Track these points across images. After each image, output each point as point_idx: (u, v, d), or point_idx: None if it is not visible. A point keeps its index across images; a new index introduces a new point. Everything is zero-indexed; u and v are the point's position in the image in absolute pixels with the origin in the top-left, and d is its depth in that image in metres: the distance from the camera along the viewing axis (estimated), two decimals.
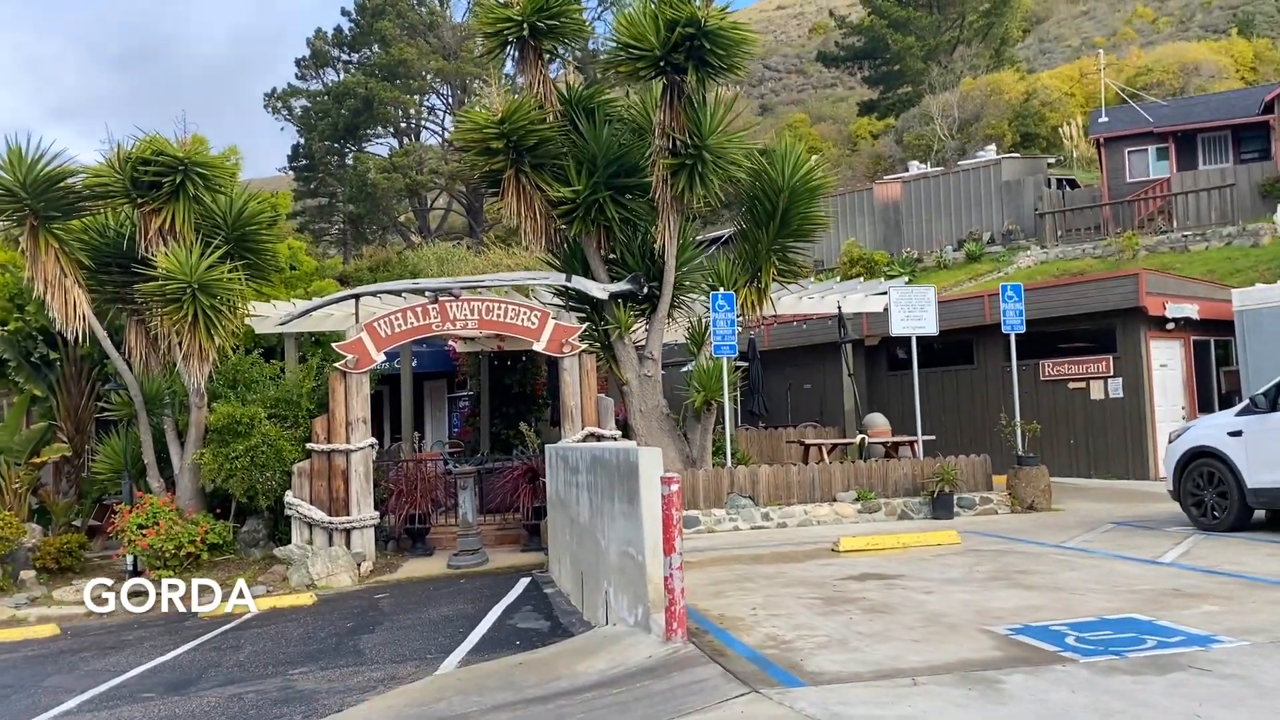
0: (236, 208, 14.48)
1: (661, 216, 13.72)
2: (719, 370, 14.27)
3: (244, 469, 13.81)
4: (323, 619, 11.16)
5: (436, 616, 10.63)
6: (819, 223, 15.24)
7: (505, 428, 22.58)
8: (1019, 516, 13.41)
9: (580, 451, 9.95)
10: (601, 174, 13.83)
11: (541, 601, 10.93)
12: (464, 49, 58.28)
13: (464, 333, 19.41)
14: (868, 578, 8.81)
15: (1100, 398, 17.66)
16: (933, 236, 35.76)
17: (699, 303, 15.44)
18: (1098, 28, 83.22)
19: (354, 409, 14.10)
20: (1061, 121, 53.59)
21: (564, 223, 14.19)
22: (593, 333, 14.67)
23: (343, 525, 13.93)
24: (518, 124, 13.37)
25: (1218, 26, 75.53)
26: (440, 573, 13.64)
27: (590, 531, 9.35)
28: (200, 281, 13.12)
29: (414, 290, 14.62)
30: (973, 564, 9.35)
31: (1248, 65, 60.65)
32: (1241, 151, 32.02)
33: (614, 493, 8.09)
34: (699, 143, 13.22)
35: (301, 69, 60.12)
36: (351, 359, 14.03)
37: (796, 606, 7.61)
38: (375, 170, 53.61)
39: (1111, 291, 17.13)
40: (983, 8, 66.93)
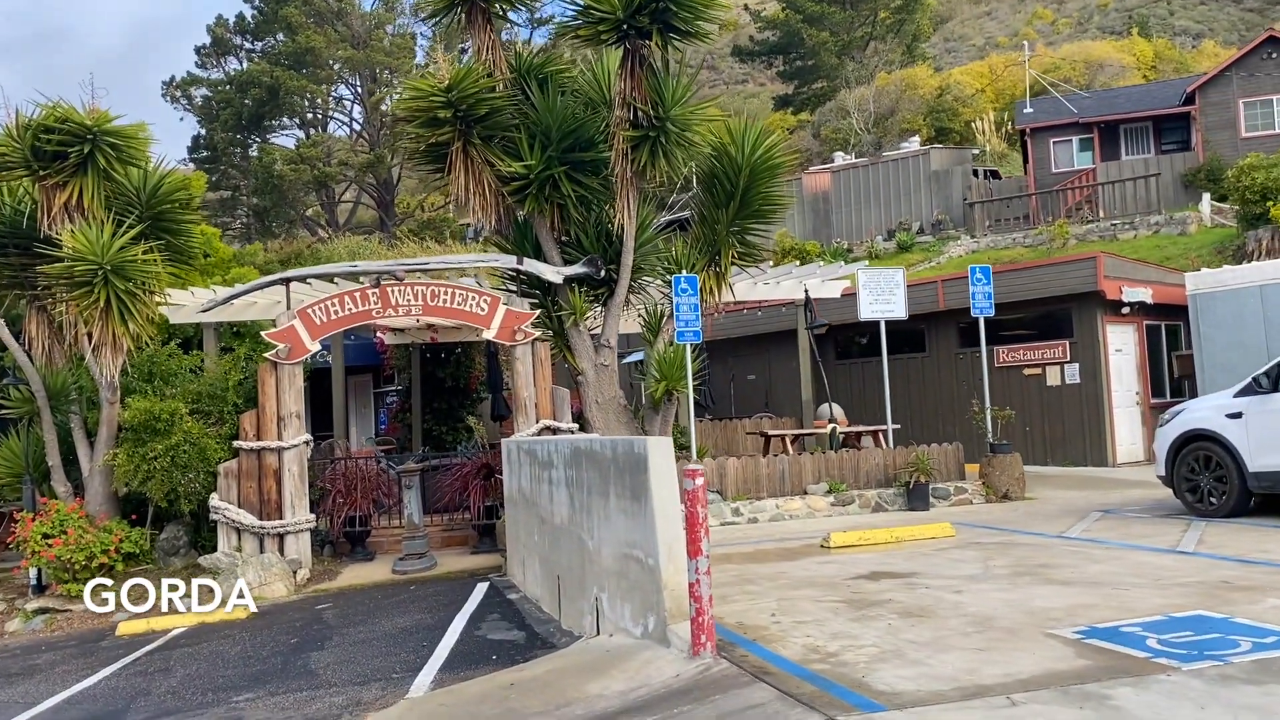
0: (152, 183, 13.14)
1: (620, 194, 12.83)
2: (681, 358, 13.48)
3: (164, 470, 12.52)
4: (261, 635, 10.03)
5: (392, 629, 9.61)
6: (780, 203, 14.53)
7: (437, 424, 21.50)
8: (996, 506, 12.92)
9: (555, 445, 9.04)
10: (556, 148, 12.87)
11: (508, 609, 9.98)
12: (374, 37, 56.58)
13: (398, 322, 18.29)
14: (880, 576, 8.11)
15: (1056, 384, 17.37)
16: (863, 227, 35.58)
17: (653, 287, 14.62)
18: (1000, 28, 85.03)
19: (286, 403, 12.92)
20: (974, 117, 54.19)
21: (515, 201, 13.20)
22: (545, 320, 13.72)
23: (276, 530, 12.74)
24: (466, 92, 12.34)
25: (1114, 28, 77.83)
26: (386, 579, 12.57)
27: (569, 532, 8.46)
28: (113, 263, 11.80)
29: (351, 274, 13.48)
30: (983, 558, 8.72)
31: (1148, 64, 62.35)
32: (1162, 142, 32.49)
33: (608, 489, 7.22)
34: (662, 114, 12.38)
35: (202, 57, 57.71)
36: (284, 348, 12.84)
37: (820, 611, 6.84)
38: (282, 162, 51.63)
39: (1069, 275, 16.84)
40: (894, 4, 67.66)
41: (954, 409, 18.56)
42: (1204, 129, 30.40)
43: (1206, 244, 26.16)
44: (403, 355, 21.68)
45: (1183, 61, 62.25)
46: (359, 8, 57.68)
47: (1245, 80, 29.85)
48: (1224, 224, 27.46)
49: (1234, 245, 24.96)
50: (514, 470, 11.28)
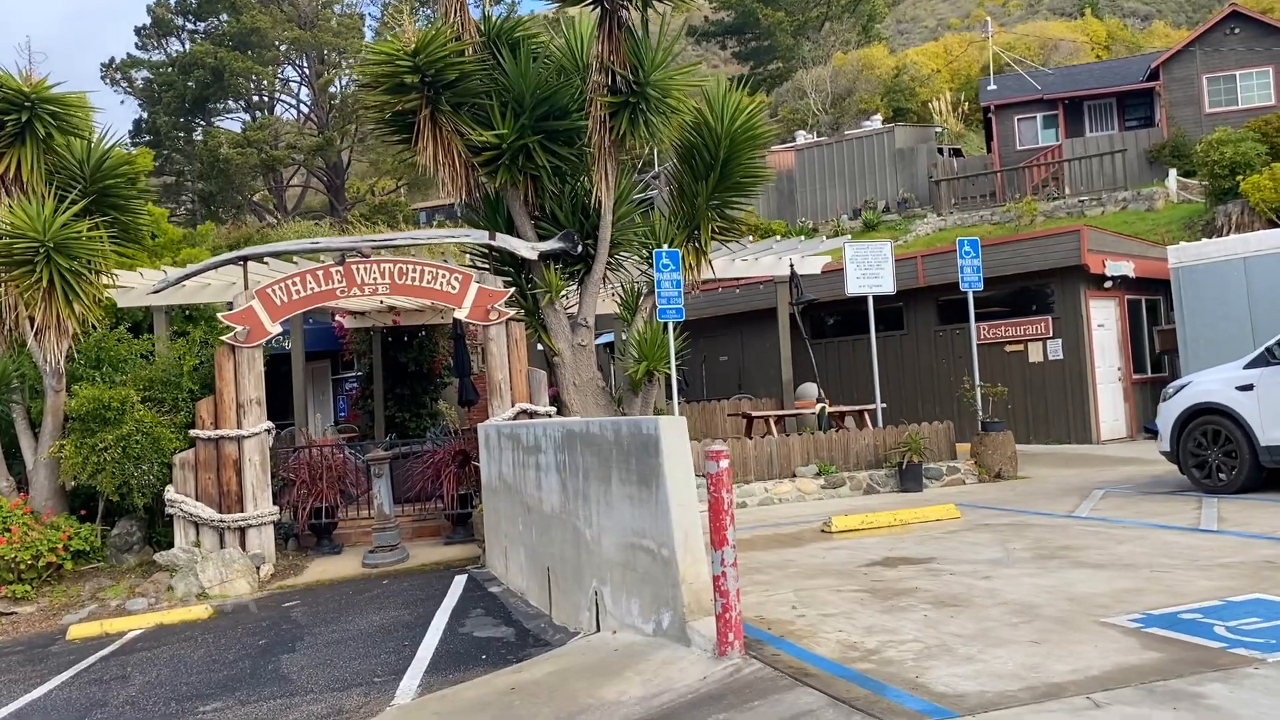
0: (96, 156, 12.29)
1: (598, 164, 12.21)
2: (662, 337, 12.94)
3: (115, 462, 11.72)
4: (226, 636, 9.34)
5: (368, 627, 8.97)
6: (761, 175, 13.99)
7: (400, 410, 20.76)
8: (991, 486, 12.53)
9: (543, 428, 8.44)
10: (529, 116, 12.22)
11: (492, 603, 9.39)
12: (321, 18, 55.26)
13: (359, 304, 17.53)
14: (897, 562, 7.62)
15: (1039, 360, 17.05)
16: (828, 206, 35.20)
17: (630, 264, 14.04)
18: (951, 9, 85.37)
19: (246, 388, 12.17)
20: (931, 97, 54.16)
21: (487, 173, 12.52)
22: (519, 298, 13.09)
23: (237, 523, 12.00)
24: (434, 56, 11.63)
25: (1064, 9, 78.40)
26: (355, 573, 11.90)
27: (562, 521, 7.88)
28: (56, 240, 10.97)
29: (313, 251, 12.74)
30: (999, 540, 8.27)
31: (1102, 43, 62.80)
32: (1126, 119, 32.44)
33: (609, 474, 6.64)
34: (642, 79, 11.78)
35: (142, 38, 56.09)
36: (242, 330, 12.07)
37: (844, 602, 6.32)
38: (228, 145, 50.31)
39: (1052, 249, 16.50)
40: None
41: (934, 387, 18.21)
42: (1168, 105, 30.34)
43: (1174, 219, 26.07)
44: (363, 339, 20.89)
45: (1135, 41, 62.77)
46: None
47: (1208, 56, 29.82)
48: (1191, 199, 27.41)
49: (1202, 220, 24.88)
50: (493, 456, 10.67)
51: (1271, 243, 15.17)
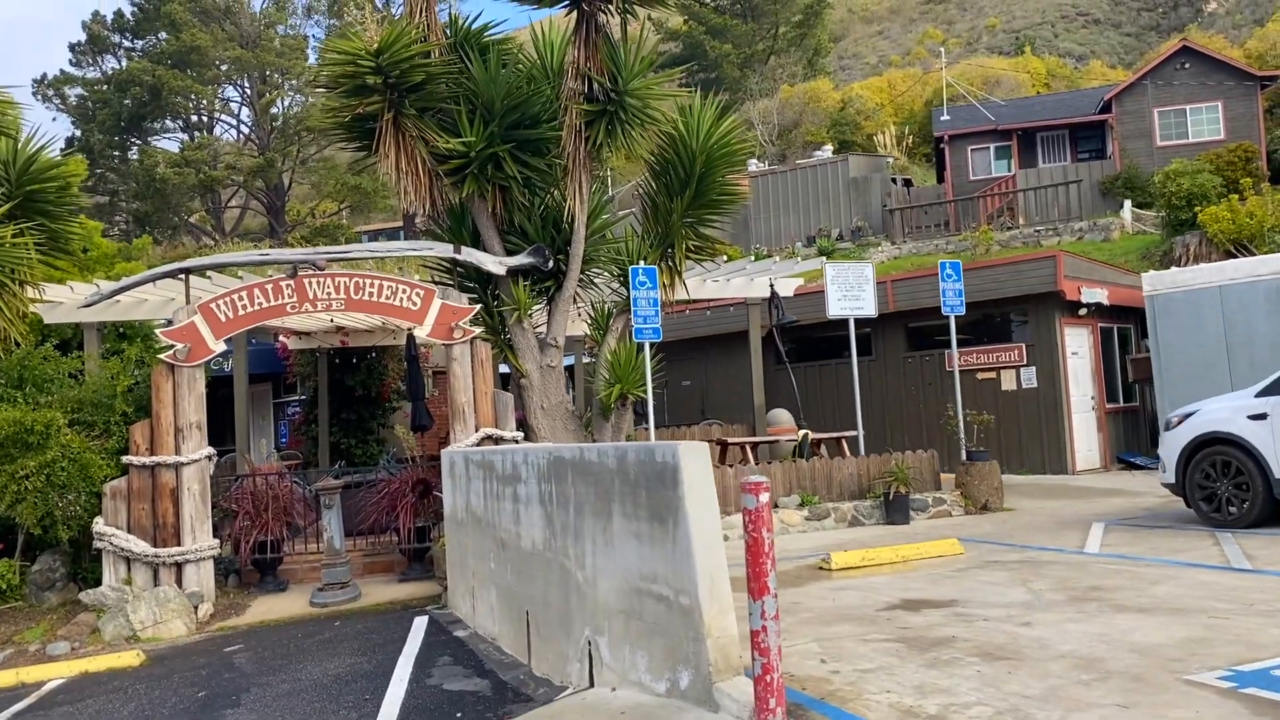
0: (23, 158, 11.28)
1: (572, 175, 11.52)
2: (634, 359, 12.24)
3: (37, 491, 10.65)
4: (160, 687, 8.35)
5: (322, 677, 8.05)
6: (736, 193, 13.41)
7: (345, 436, 19.73)
8: (979, 518, 11.97)
9: (524, 455, 7.65)
10: (499, 123, 11.49)
11: (460, 650, 8.52)
12: (264, 38, 54.06)
13: (306, 323, 16.56)
14: (918, 606, 6.96)
15: (1012, 388, 16.64)
16: (783, 233, 34.86)
17: (600, 281, 13.34)
18: (892, 46, 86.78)
19: (185, 411, 11.19)
20: (876, 130, 54.56)
21: (452, 183, 11.75)
22: (485, 316, 12.30)
23: (173, 558, 10.98)
24: (398, 57, 10.85)
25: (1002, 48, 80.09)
26: (303, 613, 10.93)
27: (546, 559, 7.09)
28: None
29: (262, 263, 11.83)
30: (1018, 580, 7.66)
31: (1042, 80, 63.95)
32: (1079, 150, 32.63)
33: (609, 508, 5.89)
34: (619, 87, 11.14)
35: (77, 55, 54.44)
36: (183, 348, 11.11)
37: (877, 654, 5.63)
38: (164, 165, 48.81)
39: (1028, 275, 16.13)
40: (795, 19, 68.13)
41: (902, 415, 17.73)
42: (1121, 137, 30.54)
43: (1131, 250, 26.09)
44: (308, 361, 19.85)
45: (1073, 79, 64.00)
46: (248, 7, 55.15)
47: (1160, 90, 30.09)
48: (1145, 230, 27.50)
49: (1159, 251, 24.90)
50: (459, 485, 9.83)
51: (1247, 270, 14.96)
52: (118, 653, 9.62)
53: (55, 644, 10.14)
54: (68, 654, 9.94)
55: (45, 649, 10.09)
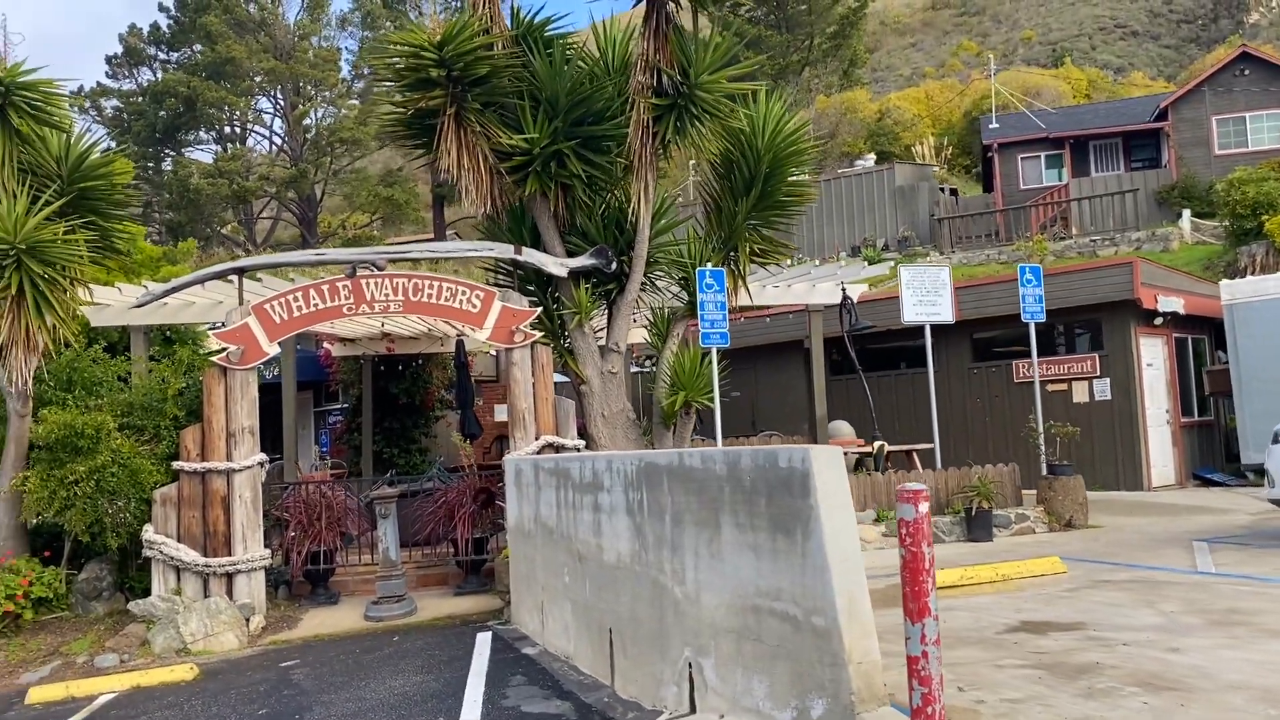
0: (76, 153, 10.96)
1: (637, 173, 11.06)
2: (699, 365, 11.74)
3: (86, 497, 10.30)
4: (217, 703, 7.91)
5: (388, 696, 7.58)
6: (804, 193, 12.89)
7: (388, 445, 19.38)
8: (1065, 535, 11.35)
9: (606, 461, 7.16)
10: (563, 119, 11.06)
11: (532, 668, 8.03)
12: (298, 49, 54.20)
13: (351, 330, 16.22)
14: (1042, 628, 6.40)
15: (1084, 400, 15.98)
16: (827, 242, 34.28)
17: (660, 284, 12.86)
18: (926, 59, 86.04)
19: (238, 415, 10.80)
20: (914, 141, 53.93)
21: (514, 180, 11.32)
22: (545, 320, 11.86)
23: (224, 568, 10.57)
24: (462, 49, 10.46)
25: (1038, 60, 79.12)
26: (358, 627, 10.49)
27: (635, 573, 6.59)
28: (28, 242, 9.62)
29: (318, 263, 11.45)
30: (1142, 601, 7.08)
31: (1083, 91, 63.07)
32: (1132, 159, 31.89)
33: (719, 518, 5.38)
34: (690, 80, 10.67)
35: (114, 67, 54.79)
36: (236, 350, 10.73)
37: (1018, 681, 5.08)
38: (199, 175, 48.92)
39: (1102, 282, 15.49)
40: (830, 30, 67.58)
41: (967, 428, 17.10)
42: (1177, 145, 29.78)
43: (1192, 260, 25.30)
44: (351, 369, 19.49)
45: (1114, 91, 63.05)
46: (283, 18, 55.33)
47: (1219, 97, 29.32)
48: (1205, 240, 26.71)
49: (1223, 261, 24.13)
50: (526, 495, 9.35)
51: None
52: (169, 666, 9.22)
53: (103, 656, 9.77)
54: (117, 666, 9.56)
55: (93, 661, 9.72)
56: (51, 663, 9.79)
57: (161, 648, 9.88)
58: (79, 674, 9.43)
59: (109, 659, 9.70)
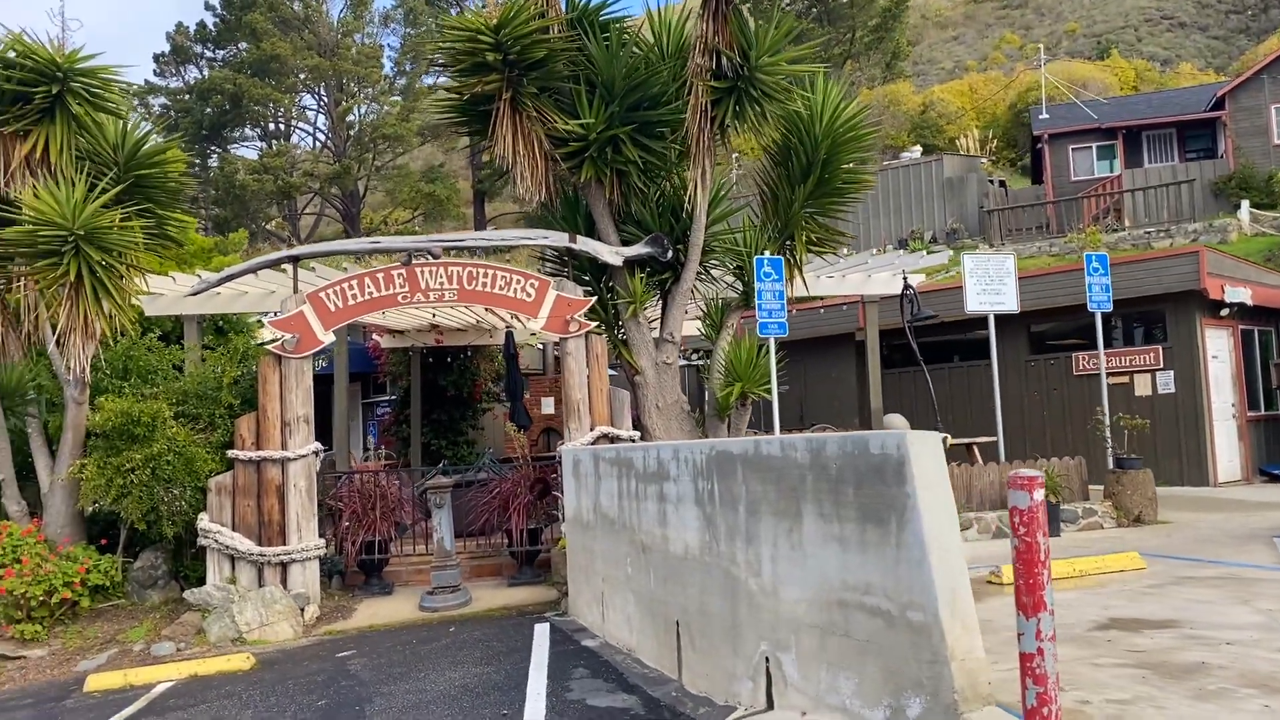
0: (132, 140, 10.93)
1: (695, 158, 10.85)
2: (755, 356, 11.52)
3: (142, 485, 10.27)
4: (276, 694, 7.83)
5: (449, 688, 7.45)
6: (863, 180, 12.62)
7: (435, 437, 19.35)
8: (1135, 531, 11.01)
9: (672, 450, 6.98)
10: (620, 104, 10.88)
11: (593, 660, 7.88)
12: (341, 46, 54.47)
13: (402, 321, 16.16)
14: (1135, 626, 6.14)
15: (1146, 394, 15.56)
16: (873, 234, 33.84)
17: (714, 272, 12.65)
18: (968, 52, 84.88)
19: (293, 404, 10.74)
20: (959, 134, 53.23)
21: (569, 167, 11.16)
22: (599, 310, 11.69)
23: (279, 557, 10.53)
24: (518, 32, 10.31)
25: (1082, 52, 77.71)
26: (413, 617, 10.40)
27: (704, 565, 6.40)
28: (87, 229, 9.59)
29: (373, 251, 11.36)
30: (1235, 599, 6.78)
31: (1130, 83, 61.91)
32: (1186, 150, 31.18)
33: (800, 507, 5.18)
34: (750, 63, 10.44)
35: (160, 65, 55.38)
36: (290, 339, 10.67)
37: (1122, 681, 4.85)
38: (244, 172, 49.37)
39: (1166, 272, 15.06)
40: (872, 23, 66.85)
41: (1024, 422, 16.73)
42: (1234, 135, 29.05)
43: (1252, 252, 24.65)
44: (400, 361, 19.48)
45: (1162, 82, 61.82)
46: (326, 15, 55.64)
47: (1278, 85, 28.55)
48: (1265, 232, 26.05)
49: None
50: (584, 485, 9.19)
51: None
52: (226, 655, 9.17)
53: (160, 644, 9.74)
54: (173, 655, 9.53)
55: (150, 649, 9.69)
56: (108, 650, 9.78)
57: (217, 637, 9.84)
58: (136, 662, 9.41)
59: (165, 647, 9.67)
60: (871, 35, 68.40)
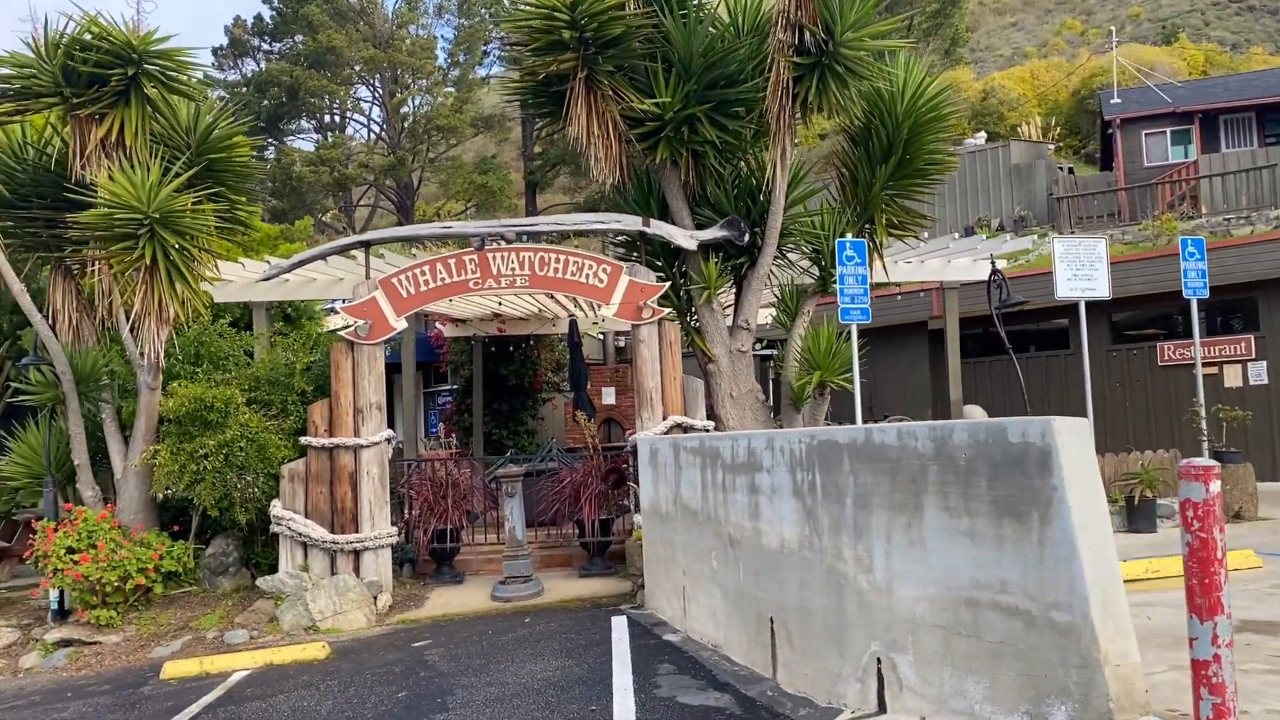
0: (205, 124, 10.85)
1: (775, 137, 10.49)
2: (835, 343, 11.18)
3: (215, 471, 10.19)
4: (354, 685, 7.67)
5: (530, 681, 7.23)
6: (946, 161, 12.18)
7: (496, 427, 19.23)
8: (1236, 527, 10.49)
9: (766, 439, 6.67)
10: (696, 82, 10.57)
11: (678, 656, 7.60)
12: (396, 38, 54.66)
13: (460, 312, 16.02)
14: (1273, 629, 5.74)
15: (1237, 385, 14.94)
16: (939, 223, 33.09)
17: (790, 256, 12.29)
18: (1027, 38, 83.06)
19: (365, 391, 10.60)
20: (1020, 121, 52.09)
21: (644, 147, 10.88)
22: (671, 296, 11.41)
23: (351, 545, 10.41)
24: (594, 9, 10.03)
25: (1146, 38, 75.64)
26: (485, 607, 10.21)
27: (805, 560, 6.09)
28: (162, 211, 9.49)
29: (445, 236, 11.17)
30: None
31: (1199, 68, 60.19)
32: (1266, 134, 30.06)
33: (921, 500, 4.86)
34: (834, 38, 10.06)
35: (219, 59, 55.99)
36: (363, 325, 10.52)
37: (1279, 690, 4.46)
38: (300, 163, 49.77)
39: (1259, 259, 14.43)
40: (931, 9, 65.62)
41: (1105, 414, 16.16)
42: None
43: None
44: (462, 350, 19.38)
45: (1233, 66, 60.00)
46: (381, 7, 55.88)
47: None
48: None
49: None
50: (663, 475, 8.91)
51: None
52: (301, 644, 9.04)
53: (233, 632, 9.65)
54: (246, 643, 9.44)
55: (223, 637, 9.61)
56: (182, 637, 9.72)
57: (290, 625, 9.73)
58: (210, 650, 9.33)
59: (239, 635, 9.58)
60: (930, 21, 67.20)
